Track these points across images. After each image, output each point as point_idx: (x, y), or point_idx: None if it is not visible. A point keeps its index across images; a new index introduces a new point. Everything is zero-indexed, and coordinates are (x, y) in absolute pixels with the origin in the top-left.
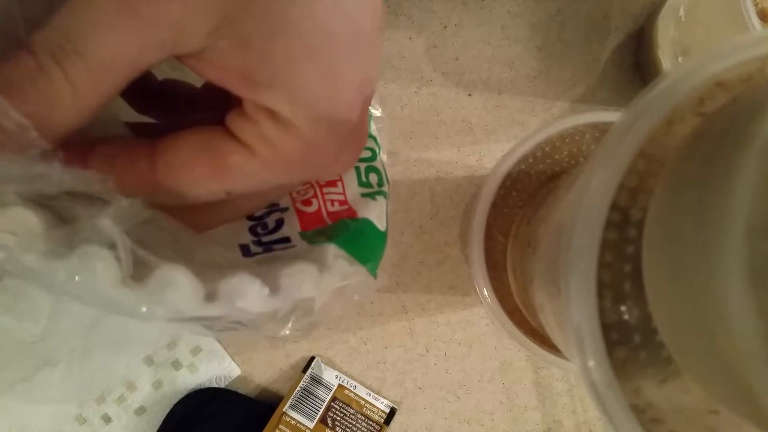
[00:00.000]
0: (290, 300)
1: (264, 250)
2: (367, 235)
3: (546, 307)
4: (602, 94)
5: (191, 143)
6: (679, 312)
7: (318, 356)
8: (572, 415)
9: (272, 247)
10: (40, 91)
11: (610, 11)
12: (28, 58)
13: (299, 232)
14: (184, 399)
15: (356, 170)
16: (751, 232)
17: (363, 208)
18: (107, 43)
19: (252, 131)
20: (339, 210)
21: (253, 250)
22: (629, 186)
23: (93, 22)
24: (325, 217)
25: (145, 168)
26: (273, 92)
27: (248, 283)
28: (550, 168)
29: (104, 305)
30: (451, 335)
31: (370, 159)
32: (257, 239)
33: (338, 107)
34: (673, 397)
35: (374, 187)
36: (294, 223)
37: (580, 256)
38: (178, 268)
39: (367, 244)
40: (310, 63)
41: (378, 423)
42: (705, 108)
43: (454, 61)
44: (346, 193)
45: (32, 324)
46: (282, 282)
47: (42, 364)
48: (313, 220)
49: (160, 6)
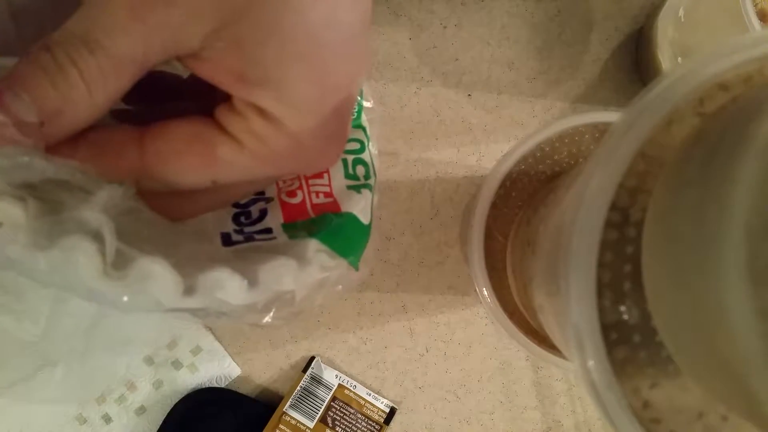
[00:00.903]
0: (269, 293)
1: (245, 239)
2: (349, 229)
3: (546, 307)
4: (602, 94)
5: (182, 133)
6: (679, 312)
7: (318, 356)
8: (572, 414)
9: (253, 237)
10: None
11: (610, 11)
12: (46, 56)
13: (282, 224)
14: (184, 399)
15: (343, 162)
16: (750, 232)
17: (347, 201)
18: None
19: (241, 126)
20: (324, 202)
21: (234, 239)
22: (629, 186)
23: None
24: (309, 209)
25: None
26: (263, 91)
27: (227, 277)
28: (550, 168)
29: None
30: (451, 335)
31: (358, 151)
32: (239, 228)
33: (325, 107)
34: (673, 397)
35: (360, 179)
36: (277, 215)
37: (579, 256)
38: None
39: (349, 238)
40: (299, 65)
41: (378, 423)
42: (705, 108)
43: (453, 62)
44: (331, 185)
45: (32, 324)
46: (261, 276)
47: (42, 364)
48: (296, 212)
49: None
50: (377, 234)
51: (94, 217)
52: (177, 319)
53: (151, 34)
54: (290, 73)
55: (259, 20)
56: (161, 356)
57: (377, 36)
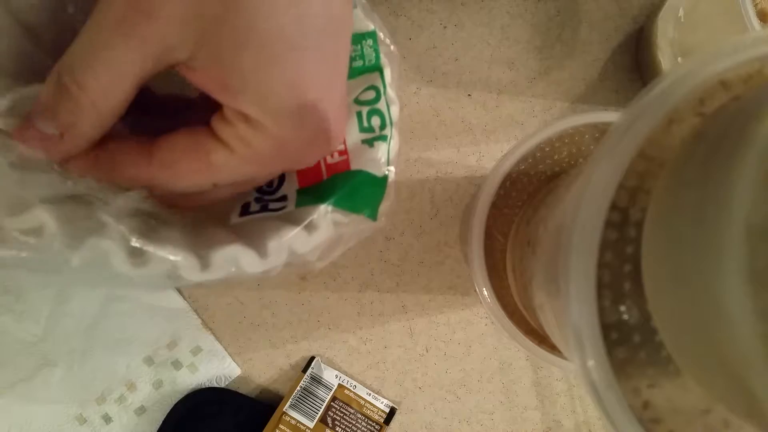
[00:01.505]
0: (281, 260)
1: (260, 209)
2: (361, 187)
3: (546, 307)
4: (602, 94)
5: (181, 144)
6: (679, 312)
7: (318, 356)
8: (572, 414)
9: (268, 206)
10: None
11: (609, 11)
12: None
13: (297, 189)
14: (184, 399)
15: (358, 115)
16: (750, 232)
17: (359, 157)
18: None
19: (230, 132)
20: (337, 161)
21: (251, 209)
22: (629, 186)
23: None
24: (324, 170)
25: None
26: (244, 97)
27: (240, 251)
28: (550, 168)
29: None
30: (451, 335)
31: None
32: (260, 196)
33: (303, 108)
34: (673, 397)
35: (376, 131)
36: (293, 180)
37: (580, 256)
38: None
39: (362, 195)
40: (275, 70)
41: (378, 423)
42: (705, 108)
43: (453, 62)
44: (346, 142)
45: (32, 324)
46: (270, 247)
47: (42, 364)
48: (311, 175)
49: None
50: (378, 234)
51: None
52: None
53: (140, 48)
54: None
55: (235, 28)
56: (161, 356)
57: None
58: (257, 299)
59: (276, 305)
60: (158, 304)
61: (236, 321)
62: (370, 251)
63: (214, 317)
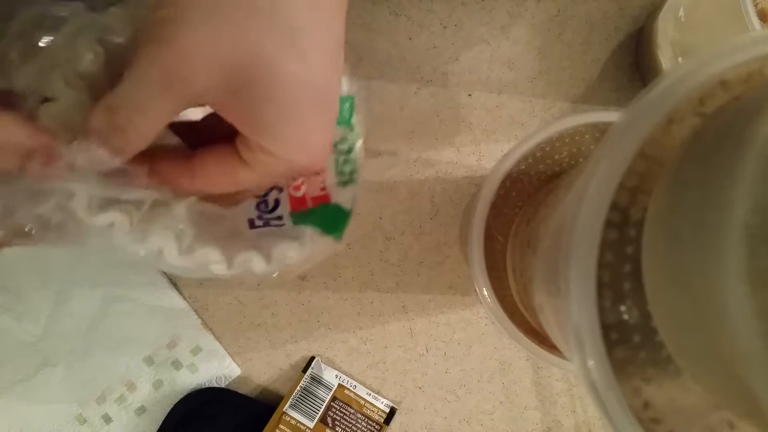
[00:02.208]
0: (280, 266)
1: (264, 224)
2: (335, 215)
3: (546, 307)
4: (602, 94)
5: (214, 163)
6: (679, 312)
7: (318, 356)
8: (572, 414)
9: (270, 223)
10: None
11: (610, 12)
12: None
13: (289, 212)
14: (184, 399)
15: (335, 161)
16: (750, 232)
17: (336, 194)
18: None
19: (252, 156)
20: (319, 195)
21: (256, 224)
22: (629, 186)
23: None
24: (308, 201)
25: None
26: (262, 137)
27: (254, 256)
28: (550, 168)
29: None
30: (451, 335)
31: (347, 152)
32: (260, 215)
33: (308, 143)
34: (673, 396)
35: (347, 176)
36: (286, 204)
37: (580, 256)
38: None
39: (335, 222)
40: (286, 120)
41: (378, 423)
42: (705, 108)
43: (453, 62)
44: (326, 182)
45: (32, 324)
46: (273, 255)
47: (42, 364)
48: (299, 203)
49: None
50: (378, 234)
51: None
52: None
53: (178, 100)
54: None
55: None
56: (161, 356)
57: (377, 36)
58: (257, 299)
59: (276, 305)
60: (158, 304)
61: (236, 321)
62: (370, 251)
63: (214, 317)
